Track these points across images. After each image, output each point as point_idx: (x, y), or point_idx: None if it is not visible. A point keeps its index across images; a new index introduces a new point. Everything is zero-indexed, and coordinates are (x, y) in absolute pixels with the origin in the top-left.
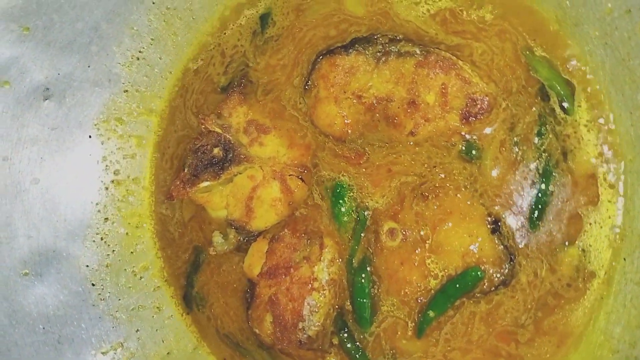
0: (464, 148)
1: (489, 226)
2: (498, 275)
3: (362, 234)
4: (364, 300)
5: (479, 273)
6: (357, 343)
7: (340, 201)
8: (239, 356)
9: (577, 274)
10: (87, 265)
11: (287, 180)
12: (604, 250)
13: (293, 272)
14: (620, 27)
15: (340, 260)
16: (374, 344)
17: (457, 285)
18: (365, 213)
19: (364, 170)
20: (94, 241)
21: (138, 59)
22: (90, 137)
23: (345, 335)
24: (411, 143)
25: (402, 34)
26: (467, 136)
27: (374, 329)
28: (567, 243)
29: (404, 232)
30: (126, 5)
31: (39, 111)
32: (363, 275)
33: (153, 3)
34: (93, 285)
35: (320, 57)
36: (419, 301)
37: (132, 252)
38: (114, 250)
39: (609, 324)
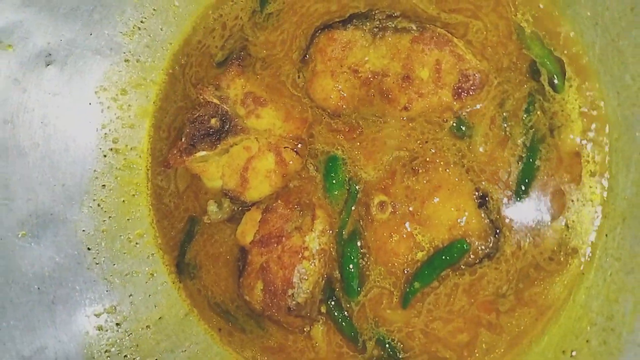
0: (454, 124)
1: (476, 200)
2: (483, 248)
3: (353, 207)
4: (353, 270)
5: (464, 245)
6: (345, 312)
7: (333, 174)
8: (228, 324)
9: (559, 248)
10: (84, 230)
11: (282, 153)
12: (586, 227)
13: (285, 241)
14: (611, 7)
15: (331, 231)
16: (359, 313)
17: (443, 257)
18: (357, 187)
19: (358, 144)
20: (90, 207)
21: (140, 28)
22: (90, 104)
23: (333, 303)
24: (404, 118)
25: (400, 11)
26: (459, 112)
27: (361, 298)
28: (550, 218)
29: (393, 205)
30: None
31: (40, 76)
32: (352, 246)
33: None
34: (89, 249)
35: (319, 31)
36: (406, 272)
37: (128, 219)
38: (110, 217)
39: (589, 298)
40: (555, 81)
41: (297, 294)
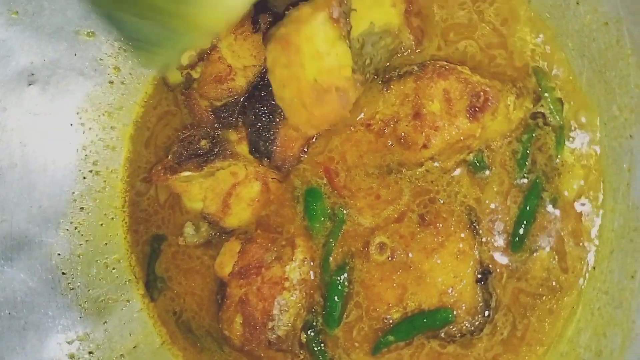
0: (475, 160)
1: (477, 274)
2: (467, 325)
3: (340, 233)
4: (337, 301)
5: (449, 316)
6: (322, 344)
7: (314, 206)
8: (190, 342)
9: (548, 279)
10: (59, 254)
11: (269, 183)
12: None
13: (264, 272)
14: (598, 39)
15: (312, 261)
16: (333, 346)
17: (425, 320)
18: (344, 212)
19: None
20: (67, 230)
21: (125, 50)
22: (71, 125)
23: (312, 334)
24: (434, 163)
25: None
26: (483, 141)
27: (337, 332)
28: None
29: (393, 250)
30: None
31: (22, 96)
32: (342, 276)
33: None
34: (63, 274)
35: None
36: (385, 321)
37: (105, 244)
38: (87, 240)
39: (576, 332)
40: (557, 120)
41: (277, 326)
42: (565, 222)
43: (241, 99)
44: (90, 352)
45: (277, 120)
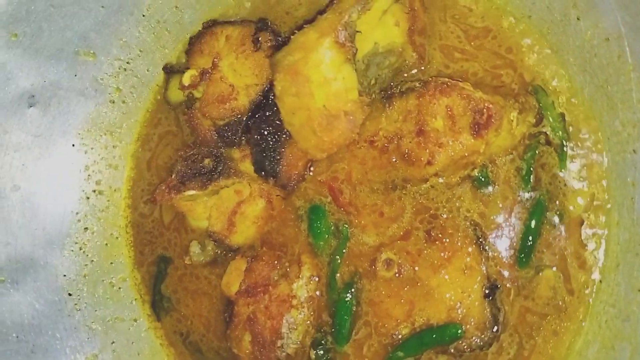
0: (479, 175)
1: (485, 289)
2: (477, 340)
3: (345, 250)
4: (346, 317)
5: (458, 331)
6: None
7: (318, 224)
8: None
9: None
10: (65, 275)
11: (273, 200)
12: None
13: (272, 290)
14: (599, 54)
15: (318, 278)
16: None
17: (434, 336)
18: (349, 230)
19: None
20: (72, 250)
21: (125, 70)
22: (73, 145)
23: (322, 352)
24: (438, 179)
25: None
26: (488, 157)
27: (347, 349)
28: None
29: (400, 266)
30: (116, 17)
31: (23, 118)
32: (350, 292)
33: (143, 15)
34: (70, 295)
35: None
36: (393, 337)
37: (111, 263)
38: (92, 261)
39: (584, 345)
40: (559, 138)
41: (286, 344)
42: (570, 240)
43: (244, 118)
44: None
45: (283, 139)
